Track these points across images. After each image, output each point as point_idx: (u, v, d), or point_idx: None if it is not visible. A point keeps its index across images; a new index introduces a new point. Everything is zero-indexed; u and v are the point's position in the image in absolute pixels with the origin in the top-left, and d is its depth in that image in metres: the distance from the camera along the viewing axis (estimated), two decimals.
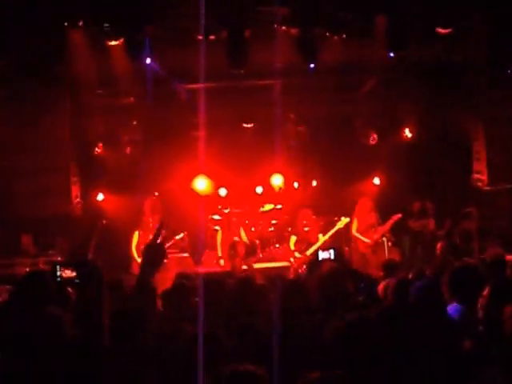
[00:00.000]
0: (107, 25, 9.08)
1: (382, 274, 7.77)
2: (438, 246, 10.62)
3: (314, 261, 10.33)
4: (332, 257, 5.16)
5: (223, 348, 4.11)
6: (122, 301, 5.68)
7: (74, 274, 5.30)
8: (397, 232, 12.24)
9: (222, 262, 11.78)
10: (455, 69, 11.83)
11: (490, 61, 10.86)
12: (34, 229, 11.35)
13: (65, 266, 5.37)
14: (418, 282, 5.48)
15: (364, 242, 12.11)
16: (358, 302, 5.43)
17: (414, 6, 9.27)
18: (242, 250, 11.50)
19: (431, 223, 12.10)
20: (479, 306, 4.49)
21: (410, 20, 9.28)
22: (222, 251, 11.95)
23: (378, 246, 12.03)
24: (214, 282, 6.63)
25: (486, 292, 4.79)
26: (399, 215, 11.94)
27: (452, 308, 4.95)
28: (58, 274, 5.31)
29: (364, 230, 12.14)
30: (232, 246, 11.43)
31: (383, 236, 12.05)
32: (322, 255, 4.68)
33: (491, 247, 9.41)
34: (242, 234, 12.24)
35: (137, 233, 11.50)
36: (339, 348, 3.23)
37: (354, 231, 12.23)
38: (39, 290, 5.22)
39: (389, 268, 7.73)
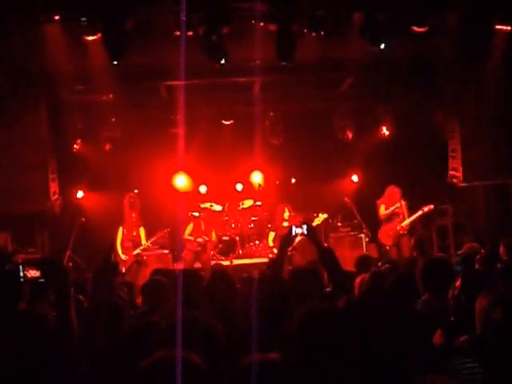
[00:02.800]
0: (84, 19, 8.98)
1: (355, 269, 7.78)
2: (412, 240, 10.70)
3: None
4: (305, 232, 5.15)
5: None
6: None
7: (39, 273, 5.24)
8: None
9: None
10: (430, 67, 11.91)
11: (462, 58, 10.97)
12: (12, 226, 11.26)
13: (29, 265, 5.29)
14: (391, 275, 5.53)
15: (387, 231, 11.45)
16: (328, 293, 5.45)
17: (390, 4, 9.31)
18: (210, 248, 11.66)
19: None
20: (450, 296, 4.53)
21: (386, 18, 9.31)
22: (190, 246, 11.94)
23: (402, 238, 11.42)
24: (191, 277, 6.65)
25: (457, 283, 4.85)
26: (431, 206, 11.30)
27: (424, 300, 5.01)
28: (22, 274, 5.22)
29: (389, 217, 11.57)
30: (200, 243, 11.62)
31: (409, 227, 11.41)
32: (296, 230, 4.69)
33: (468, 243, 9.51)
34: (213, 234, 12.22)
35: (121, 229, 11.49)
36: (302, 337, 3.22)
37: (382, 211, 11.58)
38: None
39: (362, 263, 7.75)
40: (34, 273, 5.66)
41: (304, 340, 3.05)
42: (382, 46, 9.43)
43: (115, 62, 9.22)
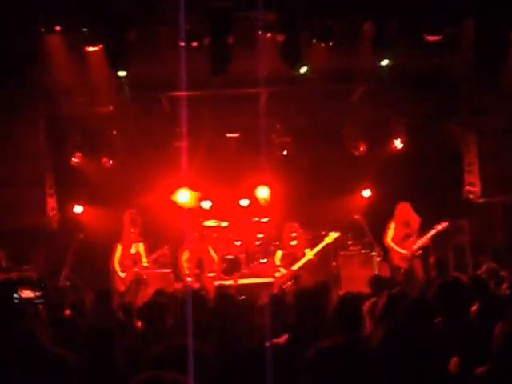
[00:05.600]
0: (85, 30, 9.05)
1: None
2: (430, 260, 10.59)
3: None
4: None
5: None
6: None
7: (34, 294, 5.28)
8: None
9: (188, 279, 11.70)
10: (445, 77, 11.92)
11: (478, 68, 10.96)
12: (7, 242, 11.28)
13: (24, 285, 5.34)
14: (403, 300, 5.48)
15: (400, 253, 11.22)
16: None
17: (402, 13, 9.34)
18: (208, 266, 11.59)
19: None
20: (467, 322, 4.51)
21: (398, 27, 9.34)
22: (188, 268, 11.84)
23: (415, 259, 11.20)
24: (196, 299, 6.67)
25: (474, 308, 4.84)
26: (446, 224, 11.06)
27: (439, 323, 4.98)
28: (16, 295, 5.26)
29: (401, 239, 11.30)
30: (198, 263, 11.54)
31: (423, 248, 11.15)
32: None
33: (486, 263, 9.45)
34: (211, 250, 12.13)
35: (119, 246, 11.47)
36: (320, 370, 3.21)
37: (388, 240, 11.40)
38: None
39: (377, 284, 7.70)
40: (28, 293, 5.69)
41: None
42: (385, 63, 9.48)
43: (121, 74, 9.27)
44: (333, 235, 11.65)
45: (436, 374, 3.60)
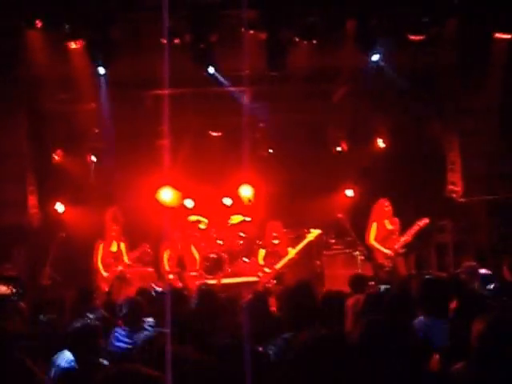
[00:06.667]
0: (67, 26, 9.03)
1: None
2: (411, 259, 10.67)
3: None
4: None
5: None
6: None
7: (10, 290, 5.27)
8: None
9: (170, 276, 11.71)
10: (428, 76, 11.99)
11: (461, 68, 11.04)
12: None
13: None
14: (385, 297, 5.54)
15: (384, 252, 11.16)
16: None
17: (386, 11, 9.40)
18: (190, 265, 11.60)
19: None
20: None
21: (381, 26, 9.39)
22: (170, 267, 11.84)
23: (398, 257, 11.13)
24: (177, 297, 6.69)
25: (453, 305, 4.88)
26: (427, 220, 11.03)
27: (419, 321, 5.03)
28: None
29: (383, 238, 11.25)
30: (179, 262, 11.55)
31: (406, 245, 11.10)
32: None
33: (466, 261, 9.52)
34: (193, 249, 12.14)
35: (101, 245, 11.45)
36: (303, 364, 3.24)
37: (371, 240, 11.35)
38: None
39: (357, 283, 7.74)
40: (4, 289, 5.68)
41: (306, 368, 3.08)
42: (376, 58, 9.50)
43: (102, 71, 9.25)
44: (314, 232, 11.69)
45: (415, 370, 3.64)
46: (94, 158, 12.88)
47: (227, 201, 13.40)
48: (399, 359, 3.66)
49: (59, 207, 12.77)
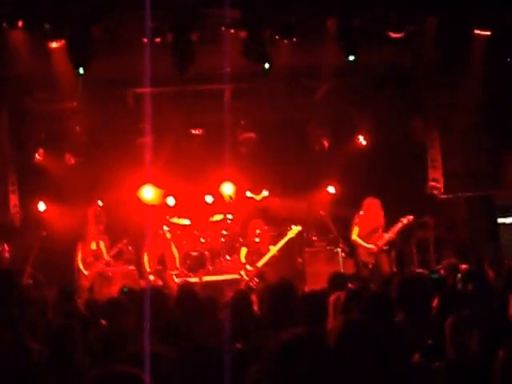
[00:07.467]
0: (48, 26, 9.00)
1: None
2: (392, 255, 10.72)
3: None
4: None
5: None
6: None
7: None
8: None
9: (151, 277, 11.66)
10: (408, 73, 12.06)
11: (441, 65, 11.11)
12: None
13: None
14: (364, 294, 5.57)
15: (367, 248, 11.17)
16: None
17: (365, 9, 9.45)
18: (170, 264, 11.57)
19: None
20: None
21: (361, 23, 9.44)
22: (149, 266, 11.80)
23: (381, 254, 11.17)
24: (157, 296, 6.68)
25: (434, 303, 4.93)
26: (411, 217, 11.14)
27: (400, 321, 5.07)
28: None
29: (367, 234, 11.26)
30: (160, 260, 11.53)
31: (390, 242, 11.16)
32: None
33: (447, 257, 9.60)
34: (173, 248, 12.09)
35: (81, 244, 11.43)
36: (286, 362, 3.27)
37: (354, 236, 11.34)
38: None
39: (336, 280, 7.73)
40: None
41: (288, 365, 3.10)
42: (352, 58, 9.54)
43: (81, 71, 9.24)
44: (295, 229, 11.70)
45: (394, 369, 3.68)
46: (75, 157, 12.81)
47: (209, 198, 13.38)
48: (378, 359, 3.70)
49: (41, 206, 12.73)
